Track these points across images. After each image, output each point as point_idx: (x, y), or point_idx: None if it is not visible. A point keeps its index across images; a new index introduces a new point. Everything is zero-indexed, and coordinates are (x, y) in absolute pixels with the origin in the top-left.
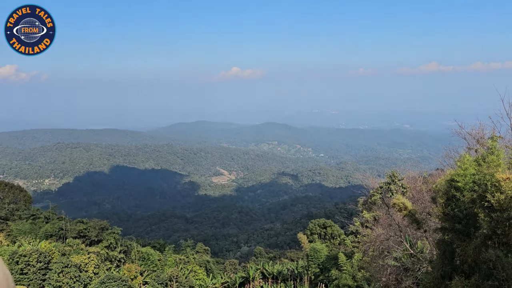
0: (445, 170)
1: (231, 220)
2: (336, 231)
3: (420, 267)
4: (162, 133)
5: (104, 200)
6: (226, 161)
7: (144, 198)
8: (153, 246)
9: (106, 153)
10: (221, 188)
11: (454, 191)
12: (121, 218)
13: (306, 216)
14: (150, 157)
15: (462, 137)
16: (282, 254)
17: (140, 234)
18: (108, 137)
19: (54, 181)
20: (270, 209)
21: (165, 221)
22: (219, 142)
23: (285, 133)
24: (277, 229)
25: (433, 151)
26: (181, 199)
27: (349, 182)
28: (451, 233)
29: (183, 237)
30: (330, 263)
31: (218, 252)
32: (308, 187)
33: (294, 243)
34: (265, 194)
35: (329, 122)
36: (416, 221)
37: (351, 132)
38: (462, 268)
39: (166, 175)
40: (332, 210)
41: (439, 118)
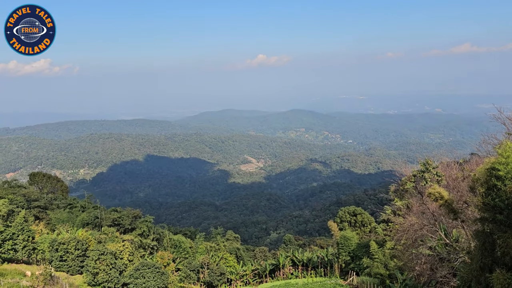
0: (481, 156)
1: (260, 207)
2: (366, 218)
3: (457, 257)
4: (190, 122)
5: (136, 188)
6: (254, 149)
7: (174, 186)
8: (184, 234)
9: (137, 143)
10: (249, 176)
11: (495, 180)
12: (153, 206)
13: (335, 203)
14: (179, 146)
15: (501, 122)
16: (311, 241)
17: (171, 221)
18: (138, 127)
19: (88, 171)
20: (298, 196)
21: (195, 209)
22: (246, 130)
23: (312, 120)
24: (306, 216)
25: (466, 135)
26: (210, 187)
27: (379, 168)
28: (491, 223)
29: (213, 224)
30: (361, 251)
31: (248, 239)
32: (337, 174)
33: (324, 230)
34: (293, 181)
35: (357, 107)
36: (453, 211)
37: (380, 117)
38: (504, 260)
39: (195, 164)
40: (362, 197)
41: (473, 101)
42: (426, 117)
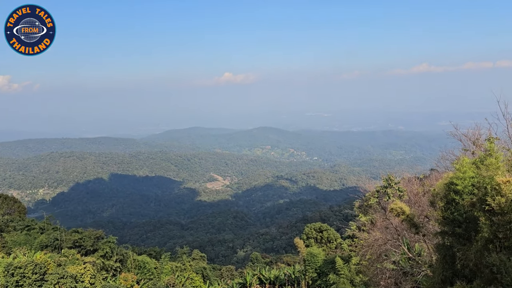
0: (440, 172)
1: (227, 226)
2: (332, 234)
3: (419, 271)
4: (156, 140)
5: (99, 208)
6: (220, 167)
7: (139, 206)
8: (149, 254)
9: (100, 161)
10: (215, 194)
11: (453, 194)
12: (116, 226)
13: (301, 220)
14: (144, 164)
15: (458, 139)
16: (278, 258)
17: (135, 242)
18: (101, 145)
19: (48, 191)
20: (265, 213)
21: (160, 228)
22: (212, 147)
23: (278, 137)
24: (272, 234)
25: (426, 151)
26: (176, 206)
27: (344, 184)
28: (451, 237)
29: (179, 244)
30: (328, 267)
31: (215, 258)
32: (303, 191)
33: (290, 247)
34: (259, 199)
35: (322, 125)
36: (414, 225)
37: (345, 135)
38: (464, 272)
39: (161, 182)
40: (327, 213)
41: (433, 118)
42: (389, 134)
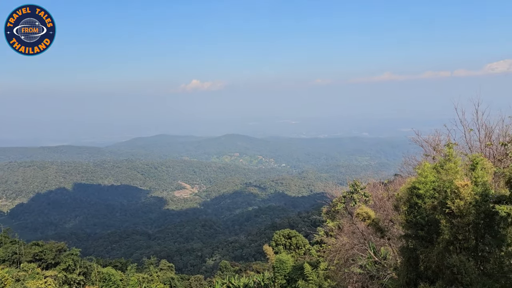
0: (404, 177)
1: (195, 234)
2: (300, 241)
3: (385, 274)
4: (121, 148)
5: (61, 219)
6: (188, 175)
7: (104, 216)
8: (115, 266)
9: (62, 170)
10: (183, 202)
11: (416, 198)
12: (79, 238)
13: (270, 226)
14: (109, 173)
15: (419, 145)
16: (247, 266)
17: (100, 253)
18: (63, 154)
19: (6, 203)
20: (234, 221)
21: (126, 239)
22: (180, 155)
23: (246, 145)
24: (241, 241)
25: (390, 157)
26: (142, 215)
27: (311, 191)
28: (414, 240)
29: (146, 254)
30: (296, 273)
31: (183, 267)
32: (271, 198)
33: (260, 254)
34: (228, 206)
35: (290, 132)
36: (379, 229)
37: (312, 141)
38: (427, 274)
39: (127, 191)
40: (296, 219)
41: (395, 125)
42: (354, 141)
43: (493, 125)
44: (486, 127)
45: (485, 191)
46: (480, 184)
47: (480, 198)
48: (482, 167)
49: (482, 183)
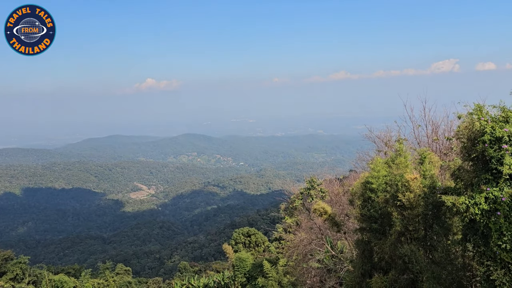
0: (358, 172)
1: (152, 236)
2: (260, 238)
3: (342, 267)
4: (72, 150)
5: (8, 226)
6: (144, 176)
7: (55, 221)
8: (67, 273)
9: (7, 175)
10: (140, 204)
11: (369, 192)
12: (28, 245)
13: (229, 225)
14: (60, 176)
15: (372, 141)
16: (207, 266)
17: (51, 260)
18: (8, 157)
19: None
20: (193, 221)
21: (79, 244)
22: (135, 156)
23: (204, 144)
24: (201, 241)
25: (346, 154)
26: (96, 219)
27: (270, 188)
28: (368, 232)
29: (101, 259)
30: (256, 271)
31: (141, 271)
32: (230, 196)
33: (219, 254)
34: (186, 207)
35: (247, 131)
36: (336, 224)
37: (269, 140)
38: (380, 265)
39: (79, 194)
40: (255, 217)
41: (350, 122)
42: (310, 138)
43: (439, 121)
44: (433, 123)
45: (433, 183)
46: (428, 177)
47: (428, 190)
48: (430, 161)
49: (430, 176)
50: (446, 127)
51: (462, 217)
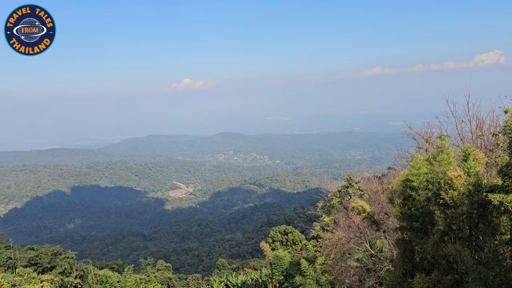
0: (397, 170)
1: (191, 234)
2: (297, 236)
3: (382, 266)
4: (114, 149)
5: (56, 223)
6: (182, 174)
7: (99, 218)
8: (111, 268)
9: (55, 174)
10: (179, 202)
11: (410, 190)
12: (75, 241)
13: (266, 223)
14: (103, 175)
15: (412, 137)
16: (245, 264)
17: (96, 256)
18: (56, 157)
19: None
20: (230, 219)
21: (122, 240)
22: (174, 155)
23: (240, 142)
24: (238, 239)
25: (384, 151)
26: (137, 216)
27: (306, 186)
28: (409, 231)
29: (142, 255)
30: (294, 269)
31: (180, 267)
32: (267, 195)
33: (257, 251)
34: (224, 205)
35: (283, 129)
36: (375, 222)
37: (305, 137)
38: (422, 265)
39: (121, 193)
40: (292, 215)
41: (387, 119)
42: (347, 136)
43: (484, 116)
44: (477, 118)
45: (478, 181)
46: (473, 175)
47: (473, 188)
48: (474, 158)
49: (475, 173)
50: (492, 122)
51: (510, 216)
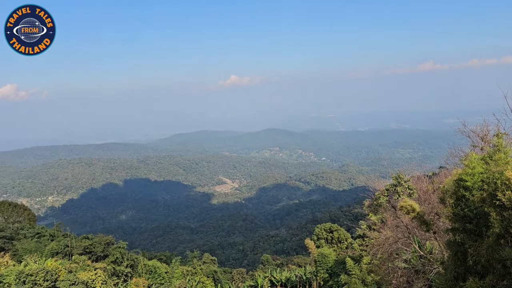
0: (449, 169)
1: (236, 229)
2: (342, 235)
3: (431, 269)
4: (163, 144)
5: (108, 214)
6: (228, 170)
7: (148, 211)
8: (160, 259)
9: (108, 167)
10: (224, 197)
11: (463, 191)
12: (126, 232)
13: (311, 221)
14: (152, 169)
15: (466, 135)
16: (289, 260)
17: (145, 247)
18: (109, 151)
19: (57, 198)
20: (274, 215)
21: (170, 233)
22: (220, 150)
23: (286, 139)
24: (282, 235)
25: (435, 149)
26: (185, 210)
27: (353, 184)
28: (462, 233)
29: (189, 248)
30: (339, 267)
31: (225, 261)
32: (312, 192)
33: (301, 248)
34: (268, 201)
35: (328, 126)
36: (425, 223)
37: (352, 135)
38: (476, 268)
39: (169, 186)
40: (337, 213)
41: (439, 116)
42: (396, 133)
43: None
44: None
45: None
46: None
47: None
48: None
49: None
50: None
51: None
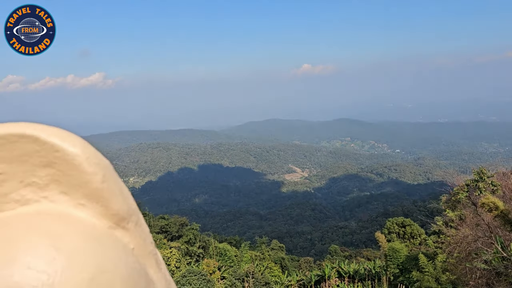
0: None
1: (305, 218)
2: (416, 230)
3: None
4: (235, 132)
5: (183, 197)
6: (298, 158)
7: (219, 195)
8: (230, 242)
9: (183, 152)
10: (294, 185)
11: None
12: (198, 215)
13: (382, 214)
14: (224, 155)
15: None
16: (358, 253)
17: (216, 230)
18: (184, 136)
19: (138, 179)
20: (344, 206)
21: (240, 218)
22: (291, 139)
23: (358, 129)
24: (352, 227)
25: None
26: (255, 196)
27: (429, 179)
28: None
29: (258, 233)
30: (411, 264)
31: (293, 249)
32: (384, 184)
33: (370, 241)
34: (338, 191)
35: (404, 116)
36: (509, 222)
37: (429, 126)
38: None
39: (240, 173)
40: (411, 208)
41: None
42: (480, 126)
43: None
44: None
45: None
46: None
47: None
48: None
49: None
50: None
51: None
